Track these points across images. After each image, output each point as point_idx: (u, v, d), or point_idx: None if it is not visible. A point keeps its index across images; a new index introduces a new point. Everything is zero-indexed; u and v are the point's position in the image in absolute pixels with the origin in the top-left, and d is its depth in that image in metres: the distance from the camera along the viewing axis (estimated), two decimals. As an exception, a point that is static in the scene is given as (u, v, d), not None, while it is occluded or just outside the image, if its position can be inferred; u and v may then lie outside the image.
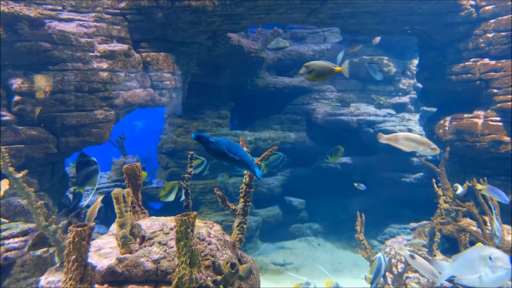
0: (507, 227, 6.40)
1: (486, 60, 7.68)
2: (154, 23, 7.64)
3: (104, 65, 6.95)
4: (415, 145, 5.69)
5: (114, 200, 3.64)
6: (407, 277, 6.80)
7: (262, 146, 11.75)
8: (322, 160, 12.61)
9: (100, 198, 5.77)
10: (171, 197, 8.08)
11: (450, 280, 4.78)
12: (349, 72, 5.72)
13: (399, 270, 6.70)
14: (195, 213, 3.08)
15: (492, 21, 7.58)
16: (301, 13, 8.12)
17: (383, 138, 5.94)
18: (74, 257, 2.85)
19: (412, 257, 5.01)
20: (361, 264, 9.74)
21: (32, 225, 5.88)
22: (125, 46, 7.29)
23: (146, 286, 3.33)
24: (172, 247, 3.49)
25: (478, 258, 3.87)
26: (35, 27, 6.37)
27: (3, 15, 6.03)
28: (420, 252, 7.06)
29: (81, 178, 6.37)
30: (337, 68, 5.10)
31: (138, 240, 3.69)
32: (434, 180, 7.13)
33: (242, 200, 4.53)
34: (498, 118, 7.51)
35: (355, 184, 10.05)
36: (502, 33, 7.43)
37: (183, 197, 8.05)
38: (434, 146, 5.64)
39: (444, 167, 7.59)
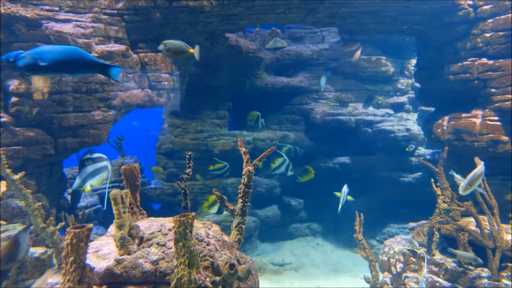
0: (505, 226, 6.41)
1: (484, 60, 7.69)
2: (151, 23, 7.63)
3: (102, 66, 6.93)
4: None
5: (112, 201, 3.63)
6: (405, 277, 6.81)
7: (260, 146, 11.74)
8: (321, 160, 12.63)
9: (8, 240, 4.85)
10: (214, 209, 8.52)
11: None
12: (199, 55, 6.48)
13: (398, 270, 6.71)
14: (193, 213, 3.07)
15: (490, 20, 7.58)
16: (299, 13, 8.12)
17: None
18: (72, 258, 2.84)
19: None
20: (360, 264, 9.74)
21: (30, 227, 5.86)
22: (122, 47, 7.27)
23: (145, 287, 3.32)
24: (171, 248, 3.48)
25: None
26: (32, 27, 6.35)
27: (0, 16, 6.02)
28: (419, 251, 7.07)
29: (82, 176, 5.83)
30: (191, 50, 5.95)
31: (136, 241, 3.68)
32: (432, 180, 7.14)
33: (241, 200, 4.52)
34: (496, 118, 7.51)
35: None
36: (500, 33, 7.43)
37: (225, 212, 8.28)
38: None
39: (443, 166, 7.60)
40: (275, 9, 7.82)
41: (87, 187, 5.79)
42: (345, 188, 8.38)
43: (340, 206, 8.18)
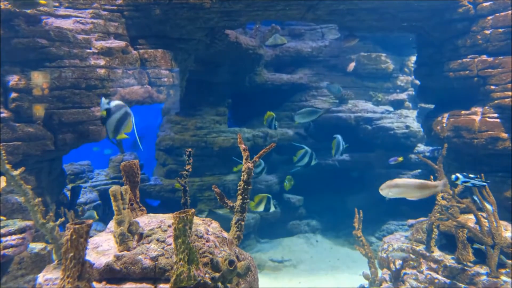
0: (504, 223, 6.42)
1: (484, 57, 7.68)
2: (151, 19, 7.62)
3: (102, 62, 6.93)
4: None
5: (112, 198, 3.64)
6: (404, 274, 6.83)
7: (260, 143, 11.75)
8: (320, 157, 12.61)
9: None
10: (261, 208, 9.16)
11: None
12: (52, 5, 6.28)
13: (397, 267, 6.72)
14: (193, 210, 3.07)
15: (490, 17, 7.57)
16: (299, 10, 8.10)
17: None
18: (71, 254, 2.84)
19: None
20: (358, 260, 9.76)
21: (29, 223, 5.87)
22: (122, 43, 7.26)
23: (144, 284, 3.33)
24: (170, 244, 3.49)
25: None
26: (32, 23, 6.33)
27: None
28: (418, 248, 7.09)
29: (112, 125, 5.31)
30: (42, 1, 5.80)
31: (136, 237, 3.68)
32: (432, 177, 7.14)
33: (240, 197, 4.53)
34: (495, 115, 7.51)
35: None
36: (500, 30, 7.42)
37: (272, 209, 9.15)
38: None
39: (442, 164, 7.60)
40: (275, 6, 7.81)
41: (122, 135, 5.42)
42: (339, 137, 9.32)
43: (334, 152, 9.30)
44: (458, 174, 6.32)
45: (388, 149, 11.92)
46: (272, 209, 9.31)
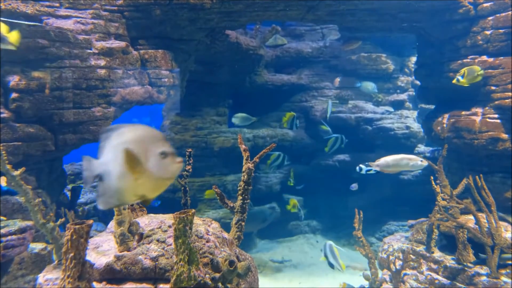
0: (504, 223, 6.42)
1: (484, 58, 7.68)
2: (152, 20, 7.62)
3: (102, 62, 6.94)
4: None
5: (112, 198, 3.63)
6: (405, 274, 6.83)
7: (260, 144, 11.75)
8: (321, 158, 12.63)
9: None
10: (295, 209, 10.53)
11: None
12: None
13: (397, 267, 6.73)
14: (193, 210, 3.07)
15: (490, 18, 7.57)
16: (299, 11, 8.11)
17: None
18: (72, 254, 2.85)
19: None
20: (359, 261, 9.77)
21: (30, 223, 5.88)
22: (122, 43, 7.27)
23: (144, 284, 3.33)
24: (171, 245, 3.49)
25: None
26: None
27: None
28: (418, 248, 7.09)
29: None
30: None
31: (136, 237, 3.69)
32: (432, 178, 7.14)
33: (241, 197, 4.54)
34: (496, 116, 7.51)
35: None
36: (500, 30, 7.42)
37: (300, 213, 10.09)
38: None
39: (442, 164, 7.60)
40: (275, 7, 7.81)
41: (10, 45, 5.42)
42: (329, 102, 11.02)
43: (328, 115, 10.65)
44: (361, 165, 7.36)
45: (388, 149, 11.87)
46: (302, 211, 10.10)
